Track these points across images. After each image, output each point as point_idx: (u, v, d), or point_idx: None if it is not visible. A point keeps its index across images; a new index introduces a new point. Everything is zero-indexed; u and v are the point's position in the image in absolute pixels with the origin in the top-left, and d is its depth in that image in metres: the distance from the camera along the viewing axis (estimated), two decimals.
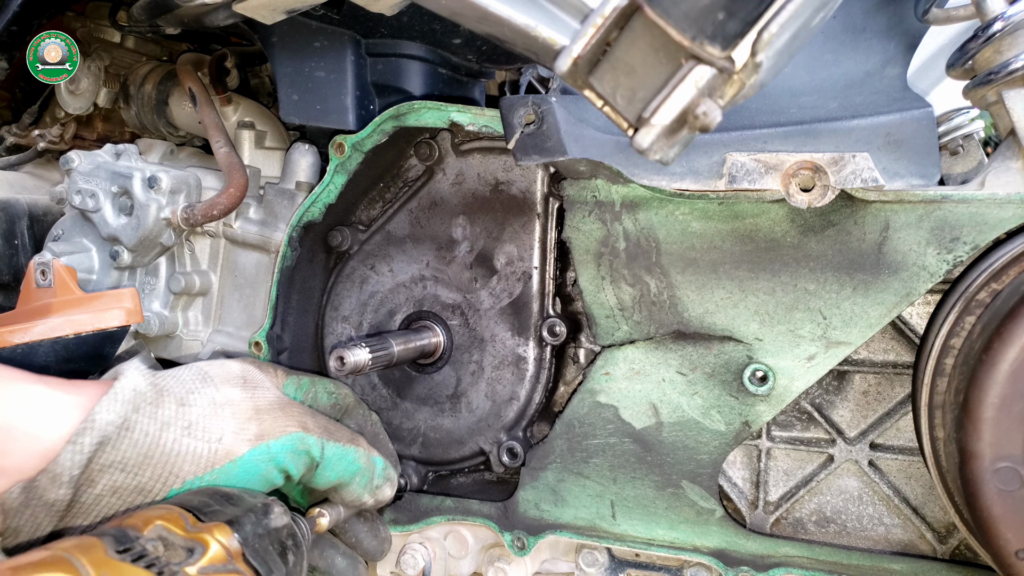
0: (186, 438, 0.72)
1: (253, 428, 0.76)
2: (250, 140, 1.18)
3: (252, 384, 0.81)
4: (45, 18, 1.06)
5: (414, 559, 1.04)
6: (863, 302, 0.86)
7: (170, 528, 0.66)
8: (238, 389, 0.79)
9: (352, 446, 0.85)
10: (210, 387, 0.77)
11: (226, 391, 0.77)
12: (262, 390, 0.81)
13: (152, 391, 0.71)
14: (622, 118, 0.55)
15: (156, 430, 0.70)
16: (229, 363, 0.84)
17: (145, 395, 0.71)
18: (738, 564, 0.94)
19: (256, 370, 0.85)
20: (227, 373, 0.81)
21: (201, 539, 0.66)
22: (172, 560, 0.63)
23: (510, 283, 1.02)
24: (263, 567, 0.69)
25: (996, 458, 0.72)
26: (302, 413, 0.83)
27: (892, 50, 0.91)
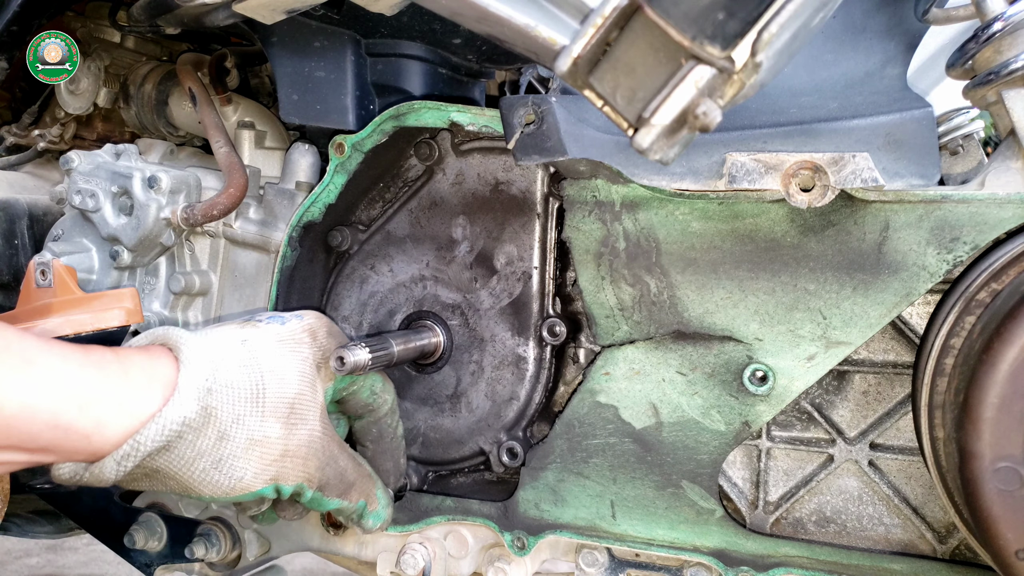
0: (213, 471, 0.76)
1: (272, 471, 0.80)
2: (250, 140, 1.18)
3: (295, 418, 0.81)
4: (45, 18, 1.06)
5: (414, 559, 1.04)
6: (863, 302, 0.86)
7: None
8: (279, 425, 0.79)
9: (344, 501, 0.89)
10: (255, 417, 0.78)
11: (267, 426, 0.78)
12: (301, 427, 0.82)
13: (200, 417, 0.73)
14: (622, 118, 0.55)
15: (191, 457, 0.74)
16: (290, 369, 0.82)
17: (192, 422, 0.73)
18: (738, 564, 0.94)
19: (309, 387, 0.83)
20: (281, 394, 0.80)
21: None
22: None
23: (510, 283, 1.02)
24: None
25: (996, 458, 0.72)
26: (317, 464, 0.84)
27: (892, 50, 0.91)
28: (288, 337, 0.85)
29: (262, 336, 0.83)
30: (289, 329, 0.85)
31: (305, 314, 0.90)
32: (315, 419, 0.84)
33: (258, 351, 0.81)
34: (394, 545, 1.10)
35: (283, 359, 0.82)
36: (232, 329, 0.84)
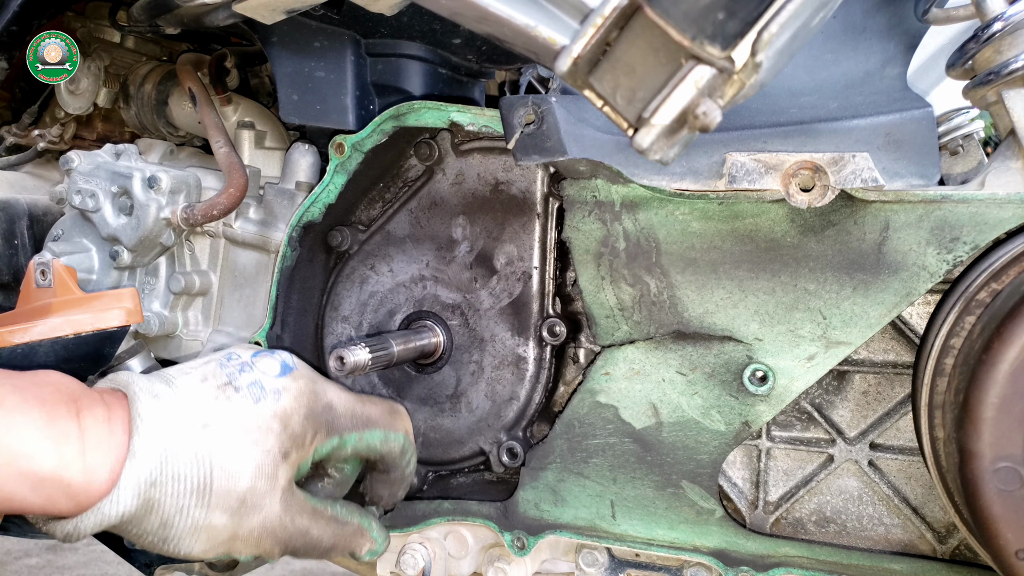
0: (161, 544, 0.79)
1: (222, 550, 0.82)
2: (250, 140, 1.18)
3: (246, 509, 0.80)
4: (45, 18, 1.06)
5: (414, 559, 1.04)
6: (863, 302, 0.86)
7: None
8: (226, 516, 0.79)
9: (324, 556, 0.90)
10: (200, 508, 0.78)
11: (212, 517, 0.79)
12: (252, 517, 0.81)
13: (141, 509, 0.75)
14: (622, 118, 0.55)
15: (137, 534, 0.78)
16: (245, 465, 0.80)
17: (132, 516, 0.75)
18: (738, 564, 0.94)
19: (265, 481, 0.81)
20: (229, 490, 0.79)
21: None
22: None
23: (510, 283, 1.02)
24: None
25: (996, 458, 0.72)
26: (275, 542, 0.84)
27: (892, 50, 0.91)
28: (255, 427, 0.81)
29: (227, 422, 0.80)
30: (260, 415, 0.82)
31: (287, 388, 0.84)
32: (272, 505, 0.82)
33: (215, 442, 0.79)
34: (394, 545, 1.10)
35: (240, 454, 0.80)
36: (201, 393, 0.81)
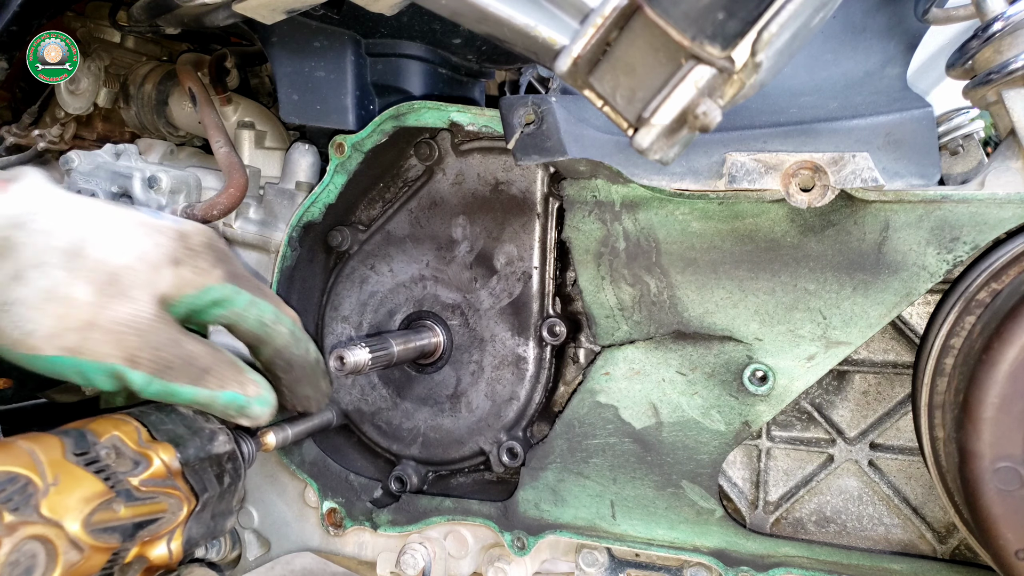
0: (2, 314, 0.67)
1: (71, 339, 0.69)
2: (250, 140, 1.18)
3: (116, 291, 0.70)
4: (45, 18, 1.06)
5: (414, 559, 1.04)
6: (863, 302, 0.86)
7: (124, 440, 0.74)
8: (89, 290, 0.68)
9: (189, 387, 0.76)
10: (62, 270, 0.67)
11: (75, 287, 0.68)
12: (120, 302, 0.70)
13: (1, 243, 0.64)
14: (622, 118, 0.55)
15: None
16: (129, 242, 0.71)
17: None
18: (738, 564, 0.94)
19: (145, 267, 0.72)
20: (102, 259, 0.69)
21: (146, 455, 0.74)
22: (120, 469, 0.71)
23: (510, 283, 1.02)
24: (198, 485, 0.78)
25: (996, 458, 0.72)
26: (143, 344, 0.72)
27: (892, 50, 0.91)
28: (149, 223, 0.73)
29: (117, 212, 0.73)
30: (154, 221, 0.75)
31: (186, 222, 0.79)
32: (146, 301, 0.72)
33: (100, 218, 0.71)
34: (394, 545, 1.10)
35: (125, 234, 0.71)
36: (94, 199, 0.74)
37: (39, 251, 0.67)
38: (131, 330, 0.71)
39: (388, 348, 0.96)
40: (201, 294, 0.76)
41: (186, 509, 0.76)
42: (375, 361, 0.93)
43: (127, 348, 0.72)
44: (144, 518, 0.71)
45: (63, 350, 0.69)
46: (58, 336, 0.68)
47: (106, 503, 0.68)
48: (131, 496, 0.70)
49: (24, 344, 0.68)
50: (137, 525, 0.70)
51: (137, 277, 0.72)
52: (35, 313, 0.67)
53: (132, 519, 0.70)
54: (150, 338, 0.72)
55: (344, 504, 1.10)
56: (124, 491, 0.70)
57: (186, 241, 0.76)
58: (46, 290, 0.67)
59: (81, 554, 0.65)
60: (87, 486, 0.67)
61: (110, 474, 0.70)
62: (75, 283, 0.68)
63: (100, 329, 0.70)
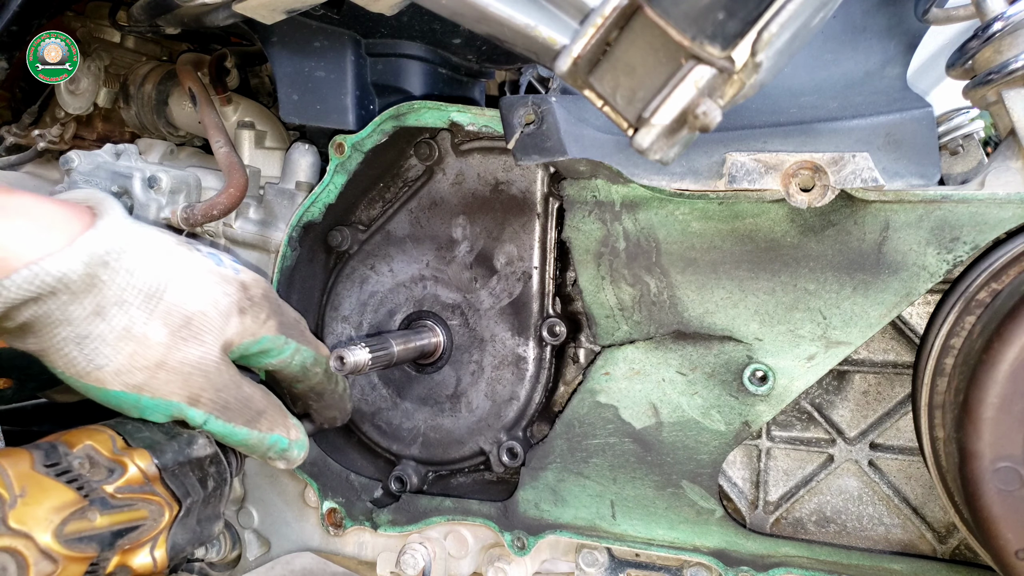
0: (74, 346, 0.69)
1: (138, 377, 0.73)
2: (250, 140, 1.18)
3: (188, 334, 0.74)
4: (45, 18, 1.06)
5: (414, 559, 1.04)
6: (863, 302, 0.86)
7: (98, 448, 0.72)
8: (164, 333, 0.72)
9: (244, 428, 0.82)
10: (141, 311, 0.70)
11: (150, 327, 0.71)
12: (191, 345, 0.75)
13: (82, 281, 0.67)
14: (622, 118, 0.55)
15: (57, 320, 0.68)
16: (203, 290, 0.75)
17: (71, 283, 0.66)
18: (738, 564, 0.94)
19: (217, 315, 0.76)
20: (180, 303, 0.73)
21: (121, 461, 0.73)
22: (94, 478, 0.70)
23: (510, 283, 1.02)
24: (180, 489, 0.76)
25: (996, 458, 0.72)
26: (207, 385, 0.77)
27: (892, 50, 0.91)
28: (217, 272, 0.78)
29: (190, 258, 0.77)
30: (221, 271, 0.79)
31: (246, 271, 0.83)
32: (213, 344, 0.76)
33: (176, 263, 0.74)
34: (394, 545, 1.10)
35: (200, 281, 0.76)
36: (167, 237, 0.78)
37: (122, 290, 0.70)
38: (198, 372, 0.76)
39: (388, 348, 0.96)
40: (256, 343, 0.82)
41: (168, 515, 0.74)
42: (375, 361, 0.93)
43: (191, 388, 0.76)
44: (122, 526, 0.70)
45: (128, 387, 0.73)
46: (126, 373, 0.72)
47: (79, 512, 0.66)
48: (107, 504, 0.69)
49: (91, 376, 0.71)
50: (116, 534, 0.69)
51: (209, 323, 0.76)
52: (109, 349, 0.70)
53: (109, 527, 0.68)
54: (214, 380, 0.77)
55: (344, 504, 1.10)
56: (99, 499, 0.69)
57: (248, 292, 0.81)
58: (124, 328, 0.70)
59: (55, 565, 0.64)
60: (56, 496, 0.66)
61: (83, 483, 0.69)
62: (151, 324, 0.72)
63: (168, 369, 0.73)
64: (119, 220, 0.72)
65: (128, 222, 0.74)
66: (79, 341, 0.69)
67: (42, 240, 0.66)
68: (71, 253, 0.66)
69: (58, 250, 0.66)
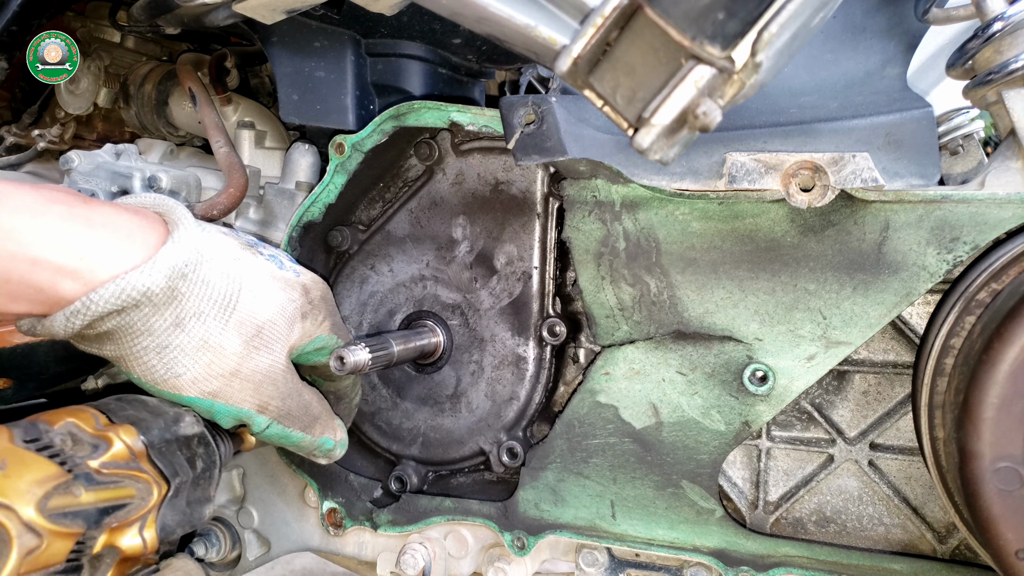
0: (154, 354, 0.72)
1: (214, 385, 0.75)
2: (250, 140, 1.18)
3: (260, 343, 0.77)
4: (45, 18, 1.06)
5: (414, 559, 1.04)
6: (863, 302, 0.86)
7: (80, 426, 0.70)
8: (238, 341, 0.75)
9: (300, 432, 0.86)
10: (217, 321, 0.73)
11: (226, 337, 0.74)
12: (262, 354, 0.78)
13: (164, 294, 0.69)
14: (622, 118, 0.55)
15: (139, 330, 0.70)
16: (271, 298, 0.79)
17: (154, 296, 0.69)
18: (738, 564, 0.94)
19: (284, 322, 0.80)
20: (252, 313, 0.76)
21: (106, 437, 0.70)
22: (77, 454, 0.67)
23: (510, 283, 1.02)
24: (168, 468, 0.73)
25: (996, 458, 0.72)
26: (275, 393, 0.80)
27: (892, 50, 0.91)
28: (281, 277, 0.81)
29: (256, 264, 0.79)
30: (284, 274, 0.83)
31: (305, 272, 0.87)
32: (281, 352, 0.80)
33: (246, 272, 0.77)
34: (394, 545, 1.10)
35: (267, 287, 0.79)
36: (232, 242, 0.80)
37: (199, 301, 0.72)
38: (268, 380, 0.79)
39: (388, 348, 0.96)
40: (312, 342, 0.85)
41: (156, 494, 0.71)
42: (375, 361, 0.92)
43: (262, 396, 0.79)
44: (109, 503, 0.67)
45: (204, 394, 0.75)
46: (203, 381, 0.75)
47: (63, 486, 0.63)
48: (92, 480, 0.66)
49: (168, 384, 0.74)
50: (102, 511, 0.66)
51: (278, 331, 0.79)
52: (188, 359, 0.73)
53: (96, 504, 0.66)
54: (281, 388, 0.80)
55: (344, 504, 1.10)
56: (83, 475, 0.66)
57: (308, 295, 0.84)
58: (201, 339, 0.73)
59: (39, 540, 0.60)
60: (39, 469, 0.63)
61: (65, 458, 0.66)
62: (226, 334, 0.74)
63: (241, 378, 0.76)
64: (192, 230, 0.74)
65: (199, 231, 0.75)
66: (159, 351, 0.72)
67: (124, 252, 0.69)
68: (154, 268, 0.69)
69: (141, 263, 0.68)
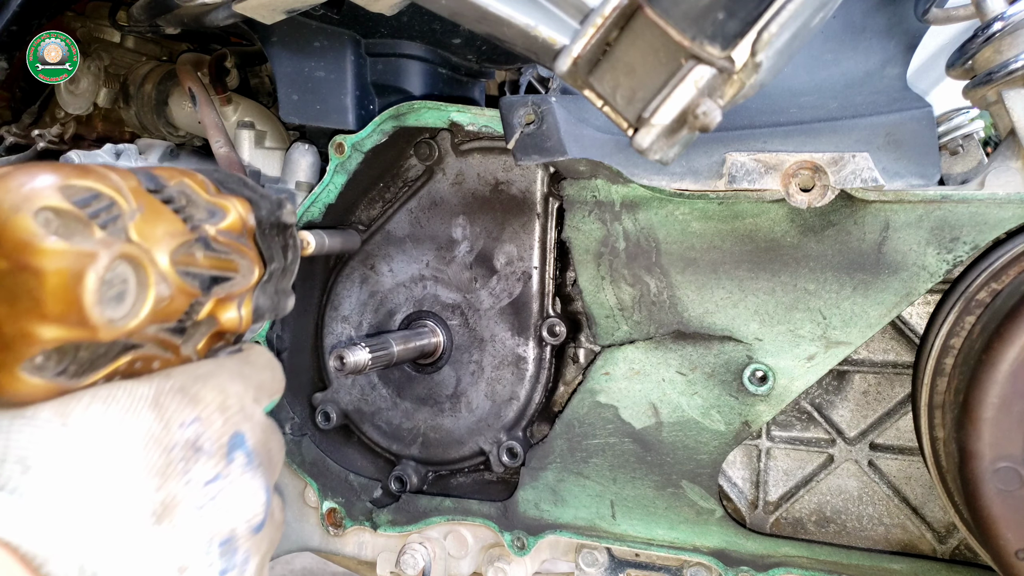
0: None
1: None
2: (250, 140, 1.18)
3: None
4: (45, 18, 1.06)
5: (414, 559, 1.04)
6: (863, 302, 0.86)
7: (194, 188, 0.65)
8: None
9: None
10: None
11: None
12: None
13: None
14: (622, 118, 0.55)
15: None
16: None
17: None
18: (738, 564, 0.94)
19: None
20: None
21: (223, 205, 0.65)
22: (195, 215, 0.63)
23: (510, 283, 1.02)
24: (267, 252, 0.70)
25: (996, 458, 0.72)
26: None
27: (892, 50, 0.91)
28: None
29: None
30: None
31: None
32: None
33: None
34: (394, 545, 1.10)
35: None
36: None
37: None
38: None
39: (388, 348, 0.96)
40: None
41: (257, 274, 0.67)
42: (375, 361, 0.93)
43: None
44: (220, 273, 0.63)
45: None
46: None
47: (187, 244, 0.59)
48: (209, 245, 0.62)
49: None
50: (214, 279, 0.62)
51: None
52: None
53: (210, 270, 0.62)
54: None
55: (344, 504, 1.10)
56: (202, 238, 0.61)
57: None
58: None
59: (170, 291, 0.56)
60: (169, 222, 0.58)
61: (187, 216, 0.61)
62: None
63: None
64: None
65: None
66: None
67: None
68: None
69: None
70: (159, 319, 0.57)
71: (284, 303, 0.73)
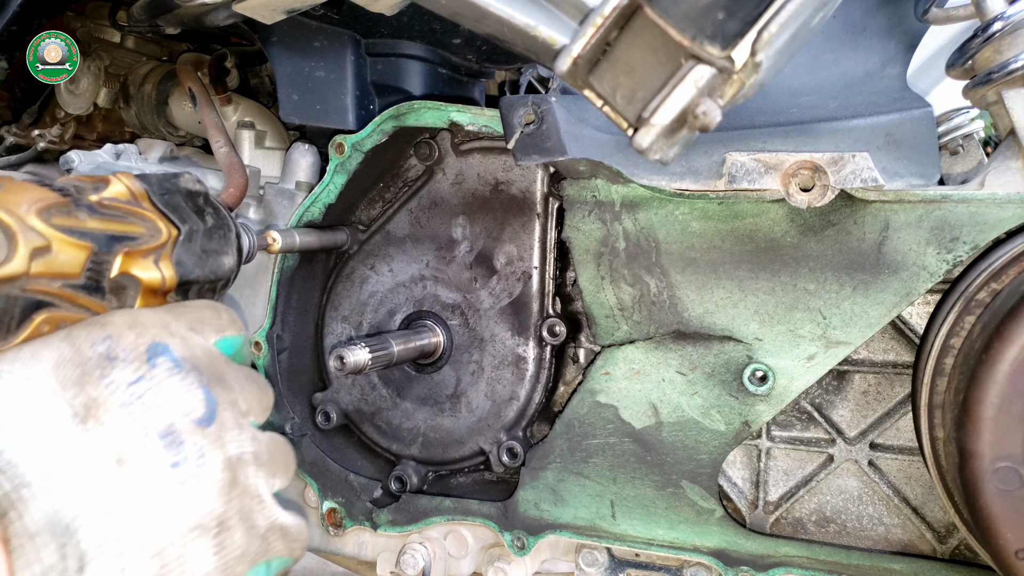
0: None
1: None
2: (250, 140, 1.18)
3: None
4: (45, 18, 1.06)
5: (414, 559, 1.04)
6: (863, 302, 0.86)
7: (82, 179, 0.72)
8: None
9: None
10: None
11: None
12: None
13: None
14: (622, 118, 0.55)
15: None
16: None
17: None
18: (738, 564, 0.94)
19: None
20: None
21: (104, 179, 0.72)
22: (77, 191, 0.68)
23: (510, 283, 1.02)
24: (174, 214, 0.73)
25: (996, 458, 0.72)
26: None
27: (892, 50, 0.91)
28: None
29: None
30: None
31: None
32: None
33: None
34: (394, 545, 1.10)
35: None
36: None
37: None
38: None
39: (388, 348, 0.96)
40: None
41: (166, 233, 0.72)
42: (375, 361, 0.93)
43: None
44: (117, 232, 0.68)
45: None
46: None
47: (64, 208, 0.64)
48: (94, 210, 0.67)
49: None
50: (112, 237, 0.67)
51: None
52: None
53: (102, 231, 0.67)
54: None
55: (344, 504, 1.10)
56: (86, 206, 0.67)
57: None
58: None
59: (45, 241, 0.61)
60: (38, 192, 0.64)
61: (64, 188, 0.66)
62: None
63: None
64: None
65: None
66: None
67: None
68: None
69: None
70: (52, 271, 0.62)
71: (217, 263, 0.77)
